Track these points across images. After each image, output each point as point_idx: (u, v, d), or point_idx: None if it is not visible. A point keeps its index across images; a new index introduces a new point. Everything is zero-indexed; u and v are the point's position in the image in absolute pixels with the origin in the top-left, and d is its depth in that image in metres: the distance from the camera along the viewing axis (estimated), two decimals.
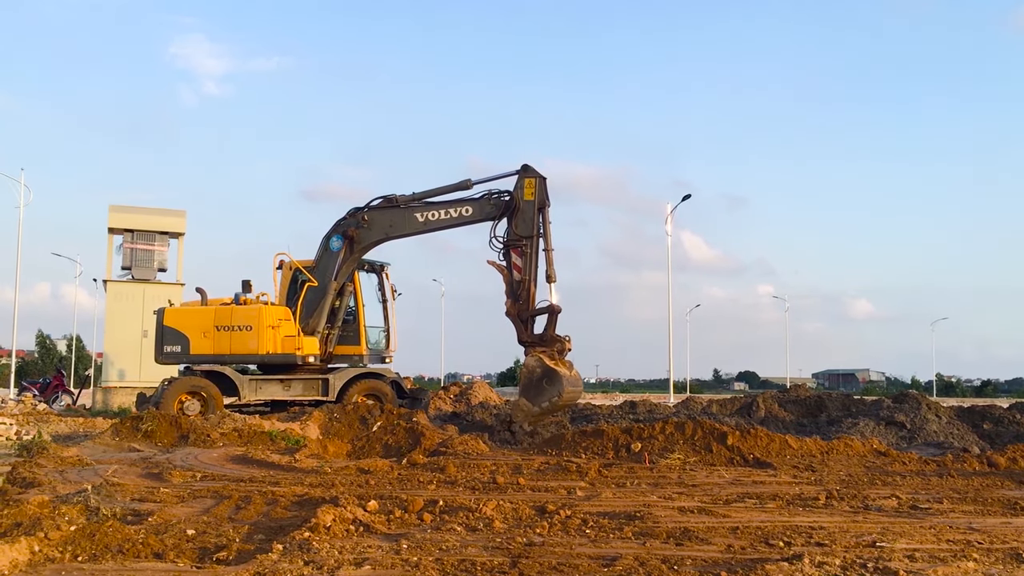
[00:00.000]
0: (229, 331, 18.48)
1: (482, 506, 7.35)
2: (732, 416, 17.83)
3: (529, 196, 17.64)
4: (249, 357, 18.79)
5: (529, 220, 17.53)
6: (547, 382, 15.72)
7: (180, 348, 18.47)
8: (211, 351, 18.46)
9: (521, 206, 17.54)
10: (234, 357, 18.66)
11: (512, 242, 17.45)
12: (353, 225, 18.41)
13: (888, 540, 6.35)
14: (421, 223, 18.14)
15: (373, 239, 18.56)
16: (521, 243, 17.40)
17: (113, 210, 26.65)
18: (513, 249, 17.48)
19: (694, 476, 10.35)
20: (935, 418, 16.51)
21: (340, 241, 18.52)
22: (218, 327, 18.47)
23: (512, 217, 17.57)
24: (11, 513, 6.28)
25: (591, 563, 5.51)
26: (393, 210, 18.24)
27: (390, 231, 18.44)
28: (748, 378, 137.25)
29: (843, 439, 13.03)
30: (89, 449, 12.49)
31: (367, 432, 14.01)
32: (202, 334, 18.46)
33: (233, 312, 18.55)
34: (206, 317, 18.62)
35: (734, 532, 6.69)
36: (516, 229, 17.51)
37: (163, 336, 18.50)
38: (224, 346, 18.51)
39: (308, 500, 7.80)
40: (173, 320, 18.64)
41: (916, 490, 9.40)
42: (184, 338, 18.46)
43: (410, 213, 18.18)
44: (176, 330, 18.54)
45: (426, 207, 18.11)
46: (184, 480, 9.47)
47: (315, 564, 5.30)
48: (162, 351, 18.52)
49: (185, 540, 6.10)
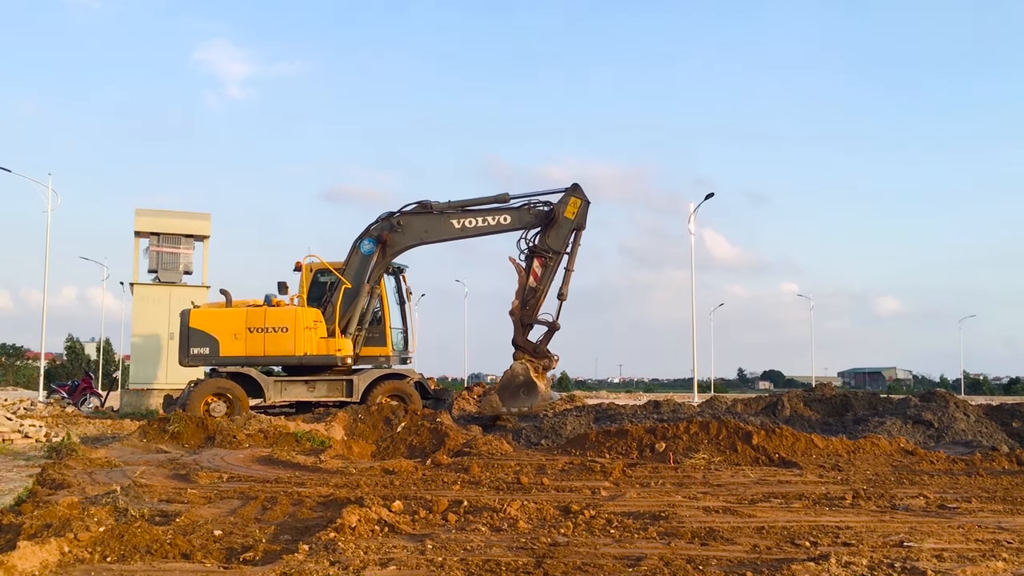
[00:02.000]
0: (263, 333, 18.48)
1: (506, 506, 7.35)
2: (757, 415, 17.72)
3: (570, 214, 18.23)
4: (285, 359, 18.75)
5: (563, 236, 18.21)
6: (525, 391, 17.16)
7: (209, 350, 18.39)
8: (243, 353, 18.44)
9: (560, 221, 18.14)
10: (269, 359, 18.66)
11: (539, 251, 18.08)
12: (387, 229, 18.67)
13: (916, 540, 6.29)
14: (457, 229, 18.58)
15: (407, 243, 18.87)
16: (548, 254, 18.05)
17: (139, 214, 26.88)
18: (537, 257, 18.12)
19: (719, 476, 10.30)
20: (963, 416, 16.33)
21: (372, 244, 18.77)
22: (251, 329, 18.43)
23: (547, 228, 18.20)
24: (41, 514, 6.36)
25: (616, 563, 5.50)
26: (428, 215, 18.60)
27: (425, 236, 18.83)
28: (773, 377, 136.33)
29: (870, 438, 12.92)
30: (117, 451, 12.62)
31: (391, 433, 14.06)
32: (233, 336, 18.42)
33: (267, 314, 18.58)
34: (237, 319, 18.58)
35: (760, 532, 6.66)
36: (548, 240, 18.13)
37: (189, 338, 18.41)
38: (257, 348, 18.48)
39: (333, 501, 7.84)
40: (200, 322, 18.54)
41: (944, 489, 9.31)
42: (213, 340, 18.40)
43: (446, 219, 18.58)
44: (204, 332, 18.45)
45: (463, 214, 18.55)
46: (211, 481, 9.54)
47: (341, 564, 5.33)
48: (188, 353, 18.43)
49: (212, 541, 6.15)
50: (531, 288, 18.16)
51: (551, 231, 18.18)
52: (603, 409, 19.11)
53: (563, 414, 18.05)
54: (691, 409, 19.72)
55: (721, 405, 20.42)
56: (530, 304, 18.12)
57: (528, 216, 18.47)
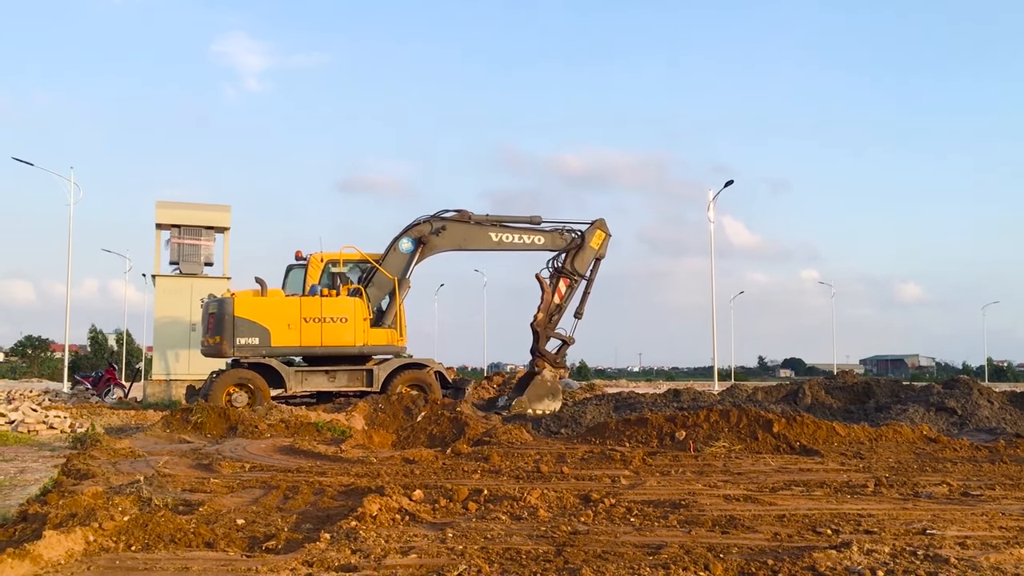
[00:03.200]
0: (320, 323, 18.43)
1: (526, 495, 7.36)
2: (778, 403, 17.64)
3: (595, 244, 20.62)
4: (345, 349, 18.85)
5: (587, 262, 20.55)
6: (550, 397, 19.62)
7: (258, 340, 18.14)
8: (297, 343, 18.39)
9: (586, 248, 20.44)
10: (326, 349, 18.68)
11: (566, 272, 20.36)
12: (427, 231, 19.67)
13: (939, 527, 6.25)
14: (494, 242, 20.14)
15: (445, 247, 20.02)
16: (574, 277, 20.37)
17: (160, 206, 27.04)
18: (564, 278, 20.39)
19: (739, 464, 10.27)
20: (987, 403, 16.20)
21: (412, 244, 19.69)
22: (306, 319, 18.36)
23: (575, 253, 20.40)
24: (66, 504, 6.42)
25: (636, 551, 5.49)
26: (469, 225, 19.98)
27: (463, 244, 20.21)
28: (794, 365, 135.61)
29: (892, 426, 12.85)
30: (141, 441, 12.74)
31: (412, 422, 14.11)
32: (286, 325, 18.28)
33: (323, 304, 18.61)
34: (290, 308, 18.46)
35: (781, 520, 6.63)
36: (575, 263, 20.38)
37: (235, 327, 18.02)
38: (314, 338, 18.39)
39: (354, 490, 7.88)
40: (248, 311, 18.22)
41: (967, 477, 9.25)
42: (263, 330, 18.16)
43: (484, 231, 20.08)
44: (253, 321, 18.16)
45: (500, 228, 20.21)
46: (233, 471, 9.61)
47: (362, 553, 5.36)
48: (234, 343, 18.03)
49: (235, 529, 6.20)
50: (556, 304, 20.29)
51: (578, 256, 20.35)
52: (623, 398, 19.09)
53: (583, 403, 18.09)
54: (711, 397, 19.67)
55: (741, 393, 20.34)
56: (555, 319, 20.26)
57: (560, 240, 20.42)
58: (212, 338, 18.42)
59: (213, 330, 18.38)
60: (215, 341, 18.32)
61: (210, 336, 18.48)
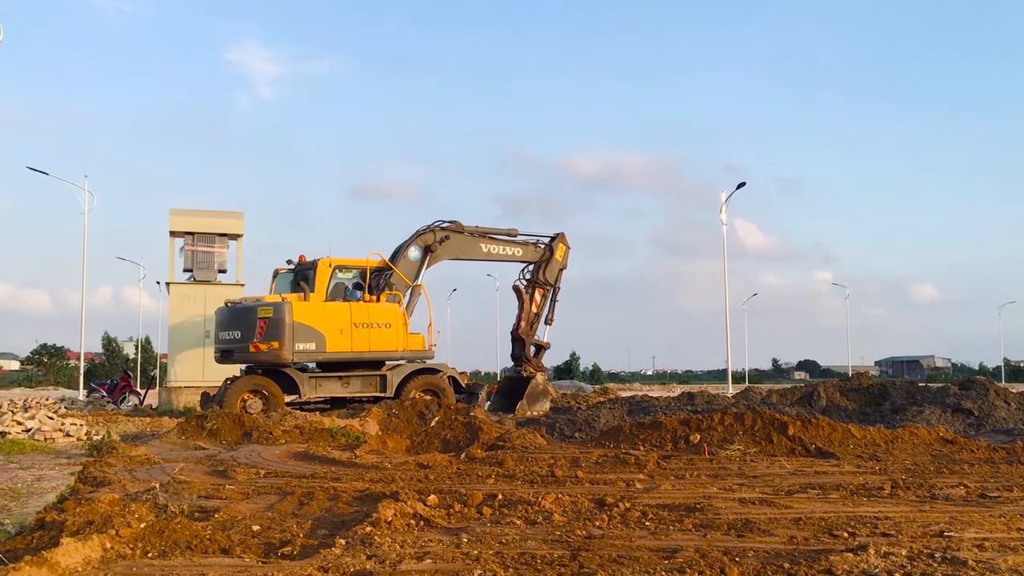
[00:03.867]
0: (368, 328, 18.64)
1: (541, 499, 7.35)
2: (793, 406, 17.57)
3: (560, 256, 23.02)
4: (389, 354, 19.26)
5: (556, 272, 22.94)
6: (542, 396, 21.55)
7: (315, 345, 18.11)
8: (348, 348, 18.53)
9: (554, 260, 22.78)
10: (374, 354, 18.98)
11: (540, 283, 22.68)
12: (434, 240, 20.65)
13: (956, 530, 6.21)
14: (484, 253, 21.81)
15: (446, 256, 20.99)
16: (547, 286, 22.74)
17: (173, 213, 27.17)
18: (539, 288, 22.67)
19: (755, 467, 10.24)
20: (1004, 404, 16.09)
21: (419, 252, 20.48)
22: (356, 324, 18.52)
23: (546, 265, 22.69)
24: (83, 511, 6.46)
25: (651, 555, 5.48)
26: (465, 236, 21.34)
27: (460, 254, 21.37)
28: (808, 367, 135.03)
29: (908, 427, 12.77)
30: (156, 448, 12.80)
31: (426, 427, 14.12)
32: (339, 331, 18.38)
33: (370, 309, 18.76)
34: (342, 313, 18.59)
35: (797, 523, 6.61)
36: (546, 274, 22.74)
37: (294, 332, 17.86)
38: (363, 343, 18.59)
39: (369, 495, 7.89)
40: (306, 316, 18.13)
41: (985, 478, 9.18)
42: (319, 335, 18.14)
43: (476, 243, 21.60)
44: (310, 327, 18.11)
45: (489, 241, 21.95)
46: (248, 477, 9.64)
47: (377, 558, 5.36)
48: (293, 348, 17.85)
49: (251, 536, 6.22)
50: (535, 313, 22.62)
51: (548, 267, 22.73)
52: (637, 401, 19.06)
53: (597, 407, 18.05)
54: (726, 400, 19.61)
55: (756, 396, 20.28)
56: (534, 327, 22.63)
57: (534, 253, 22.59)
58: (267, 343, 17.90)
59: (266, 335, 17.88)
60: (272, 347, 17.87)
61: (263, 341, 17.91)
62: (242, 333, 18.39)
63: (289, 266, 20.22)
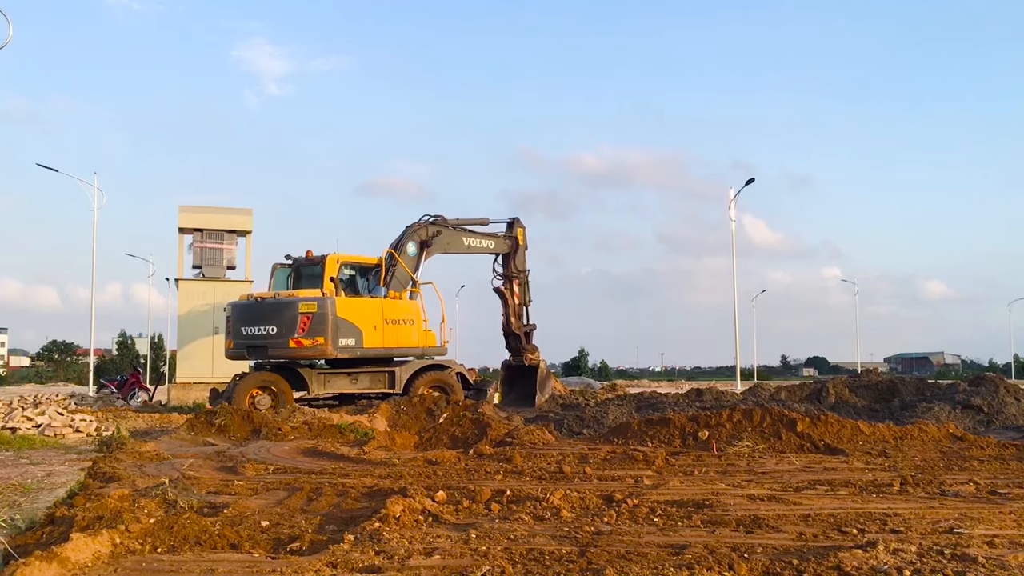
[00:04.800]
0: (396, 324, 18.82)
1: (549, 495, 7.35)
2: (801, 402, 17.53)
3: (522, 240, 22.92)
4: (413, 350, 19.42)
5: (523, 258, 22.99)
6: (549, 378, 22.62)
7: (354, 341, 18.18)
8: (381, 344, 18.67)
9: (520, 246, 22.82)
10: (401, 351, 19.16)
11: (515, 274, 22.68)
12: (427, 235, 20.69)
13: (966, 526, 6.19)
14: (466, 247, 21.91)
15: (438, 251, 20.98)
16: (520, 275, 22.78)
17: (183, 210, 27.21)
18: (515, 279, 22.70)
19: (763, 463, 10.22)
20: (1014, 401, 16.03)
21: (415, 247, 20.42)
22: (387, 320, 18.67)
23: (514, 254, 22.69)
24: (93, 507, 6.49)
25: (660, 551, 5.48)
26: (451, 231, 21.39)
27: (448, 248, 21.39)
28: (817, 363, 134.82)
29: (917, 424, 12.73)
30: (166, 444, 12.83)
31: (434, 424, 14.13)
32: (373, 327, 18.49)
33: (396, 306, 18.89)
34: (376, 310, 18.69)
35: (805, 519, 6.59)
36: (517, 263, 22.74)
37: (337, 328, 17.89)
38: (392, 340, 18.75)
39: (378, 491, 7.91)
40: (347, 312, 18.19)
41: (995, 475, 9.15)
42: (358, 331, 18.23)
43: (460, 237, 21.63)
44: (350, 322, 18.17)
45: (469, 234, 21.95)
46: (257, 473, 9.67)
47: (386, 554, 5.37)
48: (337, 344, 17.85)
49: (260, 531, 6.24)
50: (520, 305, 22.87)
51: (517, 256, 22.76)
52: (645, 398, 19.04)
53: (605, 403, 18.04)
54: (734, 397, 19.57)
55: (764, 392, 20.25)
56: (524, 318, 22.92)
57: (504, 244, 22.58)
58: (311, 339, 17.75)
59: (311, 331, 17.75)
60: (316, 342, 17.75)
61: (306, 336, 17.74)
62: (279, 328, 18.04)
63: (287, 261, 20.05)
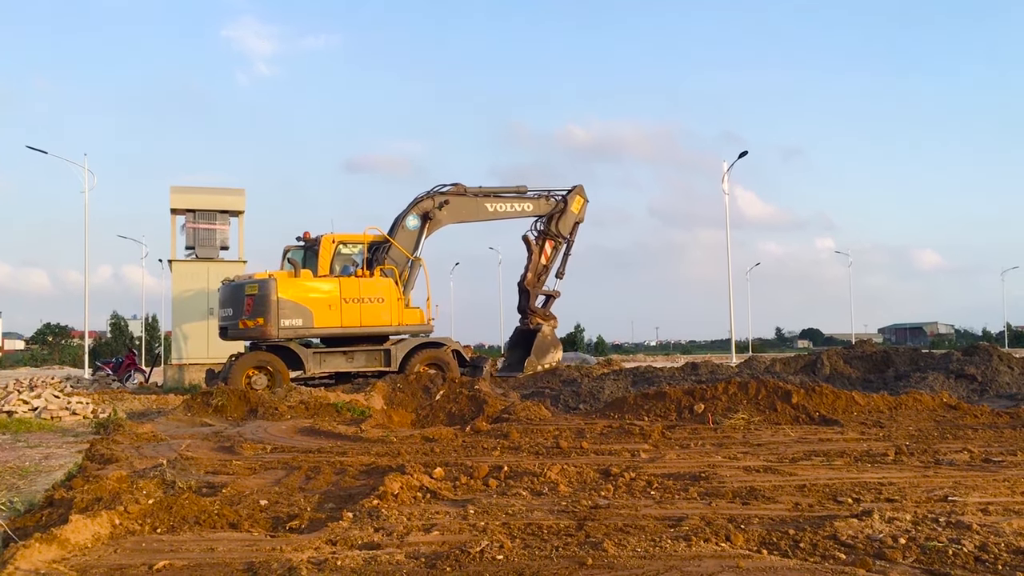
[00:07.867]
0: (359, 303, 18.52)
1: (546, 470, 7.39)
2: (796, 374, 17.61)
3: (576, 208, 22.64)
4: (382, 328, 19.08)
5: (570, 225, 22.61)
6: (552, 348, 21.76)
7: (302, 321, 18.01)
8: (338, 324, 18.43)
9: (568, 212, 22.49)
10: (365, 329, 18.82)
11: (551, 235, 22.40)
12: (432, 207, 20.41)
13: (960, 494, 6.24)
14: (490, 212, 21.50)
15: (449, 221, 20.77)
16: (558, 239, 22.48)
17: (174, 191, 27.03)
18: (549, 240, 22.43)
19: (759, 435, 10.27)
20: (1007, 369, 16.13)
21: (417, 220, 20.31)
22: (346, 299, 18.39)
23: (559, 217, 22.36)
24: (91, 488, 6.49)
25: (657, 524, 5.51)
26: (468, 198, 21.06)
27: (464, 216, 21.17)
28: (812, 335, 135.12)
29: (912, 394, 12.80)
30: (163, 425, 12.84)
31: (430, 401, 14.17)
32: (327, 306, 18.28)
33: (361, 284, 18.67)
34: (331, 289, 18.47)
35: (801, 490, 6.64)
36: (559, 226, 22.40)
37: (279, 309, 17.79)
38: (354, 319, 18.48)
39: (375, 469, 7.93)
40: (291, 292, 18.04)
41: (989, 443, 9.22)
42: (306, 311, 18.05)
43: (481, 203, 21.31)
44: (295, 303, 18.00)
45: (495, 199, 21.66)
46: (255, 452, 9.68)
47: (385, 531, 5.40)
48: (279, 325, 17.77)
49: (258, 510, 6.25)
50: (544, 265, 22.39)
51: (562, 219, 22.34)
52: (641, 372, 19.11)
53: (601, 378, 18.11)
54: (729, 370, 19.65)
55: (760, 365, 20.32)
56: (542, 279, 22.42)
57: (546, 205, 22.31)
58: (253, 320, 17.94)
59: (253, 312, 17.91)
60: (257, 323, 17.91)
61: (249, 318, 17.97)
62: (233, 310, 18.56)
63: (299, 243, 20.24)
